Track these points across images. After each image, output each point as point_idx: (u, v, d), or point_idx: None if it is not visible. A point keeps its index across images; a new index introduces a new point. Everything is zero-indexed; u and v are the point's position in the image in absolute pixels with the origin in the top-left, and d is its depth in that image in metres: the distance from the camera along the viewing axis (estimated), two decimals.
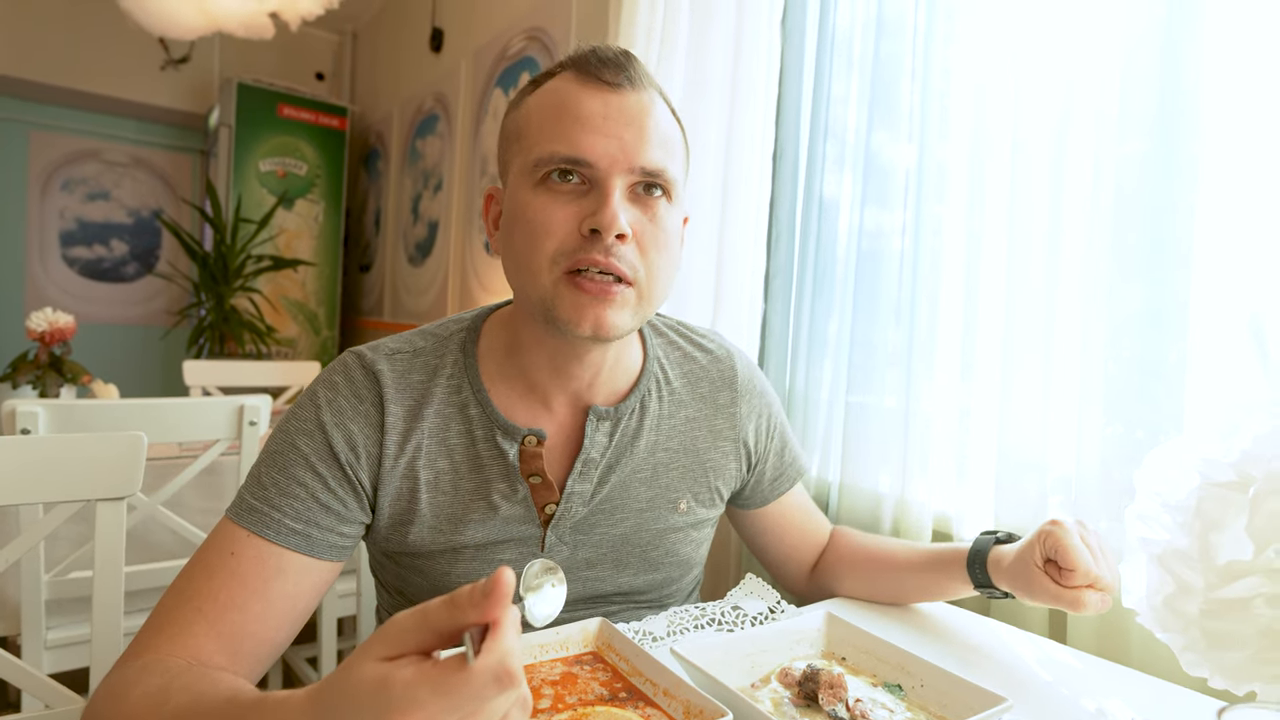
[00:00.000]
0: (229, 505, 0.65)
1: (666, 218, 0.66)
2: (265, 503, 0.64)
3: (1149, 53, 0.85)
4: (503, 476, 0.71)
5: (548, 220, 0.63)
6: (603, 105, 0.63)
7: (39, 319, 1.74)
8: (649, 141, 0.64)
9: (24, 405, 1.19)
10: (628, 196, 0.64)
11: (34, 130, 3.93)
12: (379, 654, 0.36)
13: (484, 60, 2.82)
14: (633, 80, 0.65)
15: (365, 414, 0.68)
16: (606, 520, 0.75)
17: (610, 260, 0.62)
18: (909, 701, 0.58)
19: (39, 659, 1.24)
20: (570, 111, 0.63)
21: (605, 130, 0.62)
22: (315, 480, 0.65)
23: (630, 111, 0.64)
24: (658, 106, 0.66)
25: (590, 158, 0.62)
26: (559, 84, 0.66)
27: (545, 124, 0.64)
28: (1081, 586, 0.64)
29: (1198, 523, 0.50)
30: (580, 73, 0.65)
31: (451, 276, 2.98)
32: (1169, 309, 0.82)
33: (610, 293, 0.63)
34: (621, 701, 0.54)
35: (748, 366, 0.87)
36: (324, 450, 0.66)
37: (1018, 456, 0.94)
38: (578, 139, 0.62)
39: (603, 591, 0.77)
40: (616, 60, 0.65)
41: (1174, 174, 0.82)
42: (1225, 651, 0.49)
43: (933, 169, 1.08)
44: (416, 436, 0.69)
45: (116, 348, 4.13)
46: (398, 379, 0.70)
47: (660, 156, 0.64)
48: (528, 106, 0.67)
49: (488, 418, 0.71)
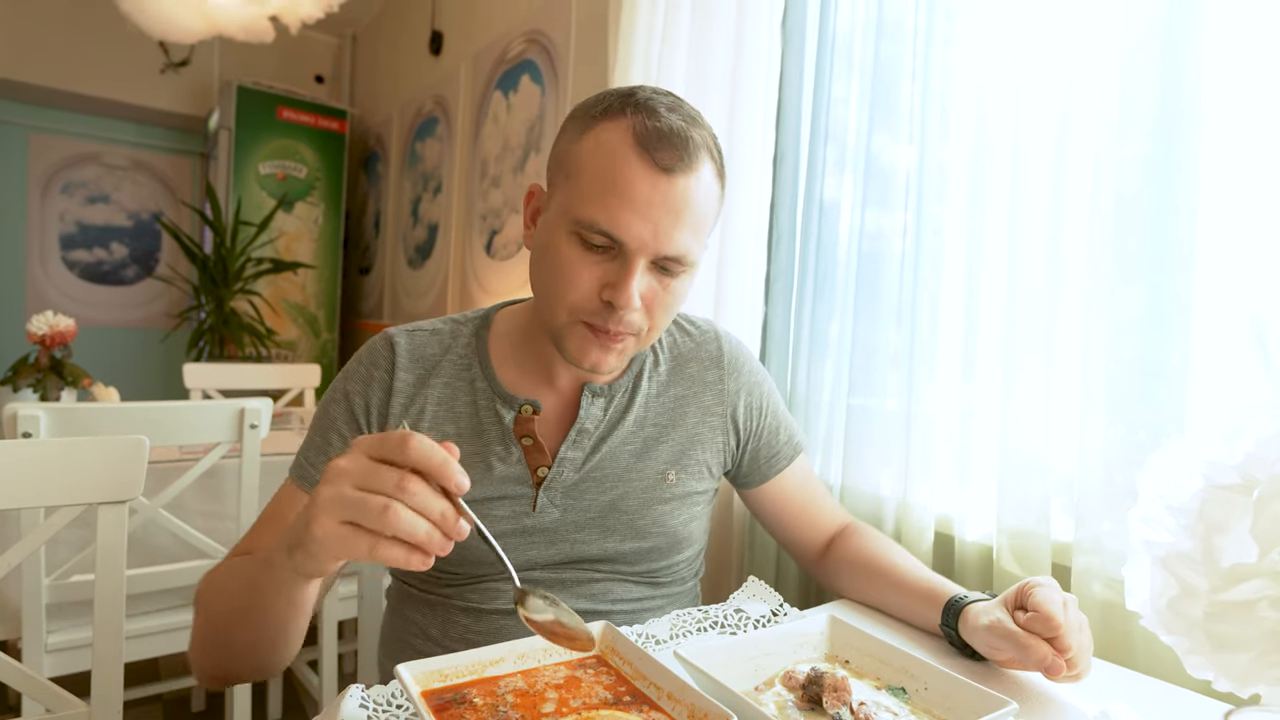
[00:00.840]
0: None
1: (680, 286, 0.72)
2: (305, 459, 0.78)
3: (1149, 54, 0.85)
4: (499, 440, 0.79)
5: (573, 275, 0.69)
6: (650, 189, 0.66)
7: (39, 322, 1.74)
8: (682, 229, 0.68)
9: (25, 409, 1.19)
10: (648, 269, 0.69)
11: (34, 133, 3.94)
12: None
13: (483, 63, 2.82)
14: (687, 163, 0.67)
15: (379, 379, 0.79)
16: (596, 487, 0.80)
17: (619, 328, 0.70)
18: (913, 705, 0.58)
19: (40, 663, 1.24)
20: (620, 188, 0.66)
21: (646, 215, 0.66)
22: (340, 440, 0.78)
23: (674, 200, 0.67)
24: (702, 186, 0.69)
25: (624, 238, 0.66)
26: (618, 140, 0.67)
27: (594, 185, 0.67)
28: (1040, 635, 0.60)
29: (1201, 525, 0.50)
30: (639, 142, 0.66)
31: (451, 279, 2.98)
32: (1171, 310, 0.82)
33: (614, 344, 0.71)
34: (626, 705, 0.54)
35: (734, 346, 0.91)
36: (347, 414, 0.79)
37: (1020, 459, 0.94)
38: (617, 216, 0.66)
39: (589, 555, 0.80)
40: (674, 141, 0.66)
41: (1175, 175, 0.82)
42: (1230, 654, 0.49)
43: (933, 171, 1.08)
44: (421, 401, 0.79)
45: (117, 351, 4.13)
46: (412, 351, 0.81)
47: (688, 242, 0.69)
48: (585, 147, 0.69)
49: (491, 390, 0.80)
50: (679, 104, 0.71)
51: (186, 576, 1.39)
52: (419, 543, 0.46)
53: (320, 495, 0.47)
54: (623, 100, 0.69)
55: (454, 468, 0.47)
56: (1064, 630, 0.60)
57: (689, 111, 0.71)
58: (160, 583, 1.36)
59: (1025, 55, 0.96)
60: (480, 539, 0.51)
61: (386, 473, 0.46)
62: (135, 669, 1.99)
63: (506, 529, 0.78)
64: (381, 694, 0.57)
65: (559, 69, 2.32)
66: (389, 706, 0.55)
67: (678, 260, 0.69)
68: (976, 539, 1.00)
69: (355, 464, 0.47)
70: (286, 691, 1.96)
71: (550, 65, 2.37)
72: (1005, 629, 0.63)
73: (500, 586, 0.78)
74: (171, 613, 1.44)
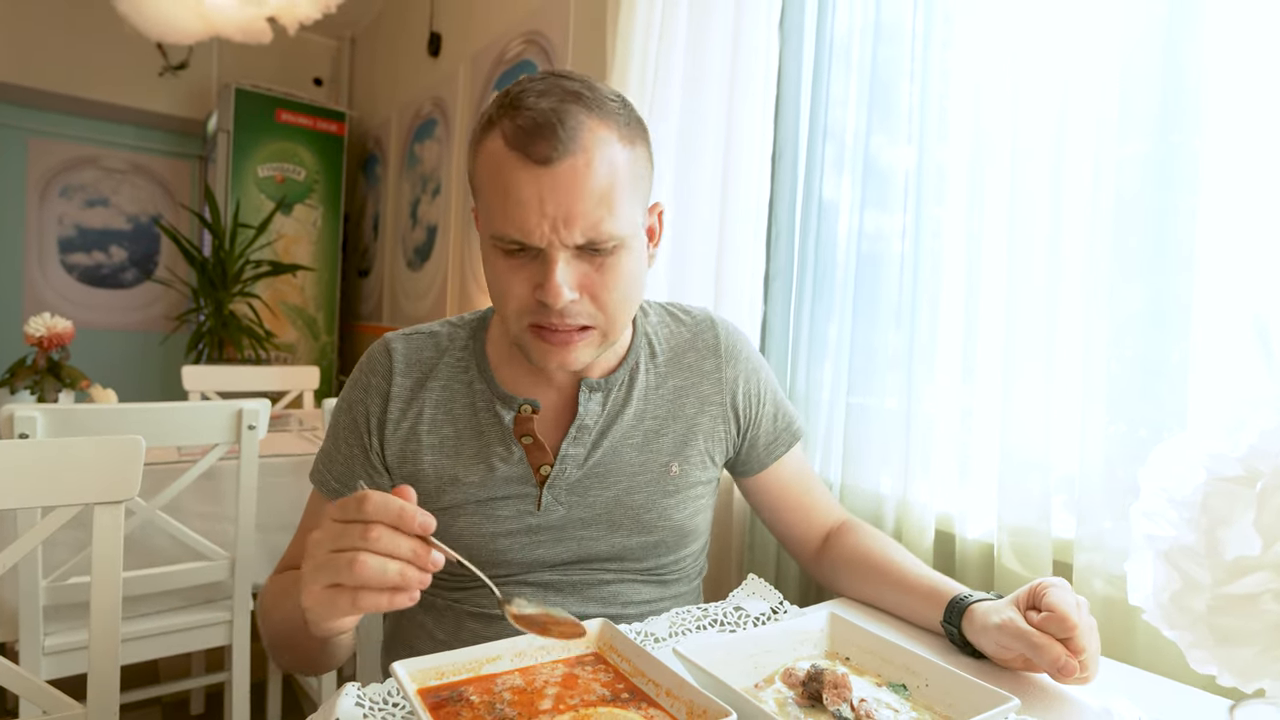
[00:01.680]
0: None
1: (619, 264, 0.69)
2: (321, 465, 0.83)
3: (1149, 53, 0.85)
4: (500, 440, 0.79)
5: (505, 285, 0.70)
6: (535, 186, 0.64)
7: (37, 324, 1.74)
8: (583, 213, 0.65)
9: (22, 410, 1.18)
10: (575, 257, 0.68)
11: (32, 137, 3.93)
12: None
13: (482, 65, 2.82)
14: (562, 148, 0.64)
15: (376, 386, 0.81)
16: (600, 483, 0.80)
17: (565, 321, 0.69)
18: (914, 701, 0.57)
19: (37, 665, 1.23)
20: (511, 194, 0.65)
21: (541, 210, 0.65)
22: (346, 447, 0.81)
23: (562, 187, 0.64)
24: (595, 161, 0.66)
25: (529, 240, 0.66)
26: (495, 149, 0.67)
27: (493, 200, 0.67)
28: (1054, 636, 0.60)
29: (1204, 518, 0.49)
30: (511, 146, 0.65)
31: (450, 280, 2.98)
32: (1171, 308, 0.82)
33: (572, 340, 0.70)
34: (624, 702, 0.53)
35: (731, 333, 0.90)
36: (350, 422, 0.81)
37: (1020, 456, 0.93)
38: (517, 221, 0.65)
39: (597, 553, 0.80)
40: (542, 129, 0.64)
41: (1175, 175, 0.82)
42: (1234, 648, 0.49)
43: (932, 171, 1.08)
44: (418, 405, 0.80)
45: (116, 353, 4.12)
46: (409, 355, 0.82)
47: (596, 223, 0.66)
48: (479, 165, 0.70)
49: (490, 390, 0.80)
50: (556, 84, 0.67)
51: (185, 578, 1.38)
52: (392, 584, 0.49)
53: (303, 570, 0.52)
54: (496, 106, 0.69)
55: (410, 513, 0.50)
56: (1079, 631, 0.59)
57: (568, 87, 0.67)
58: (159, 584, 1.36)
59: (1024, 56, 0.96)
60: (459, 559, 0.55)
61: (351, 529, 0.50)
62: (135, 671, 1.98)
63: (512, 528, 0.78)
64: (378, 692, 0.56)
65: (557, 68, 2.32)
66: (385, 704, 0.55)
67: (592, 243, 0.67)
68: (977, 537, 1.00)
69: (326, 532, 0.51)
70: (285, 693, 1.95)
71: (549, 66, 2.37)
72: (1018, 628, 0.62)
73: (510, 590, 0.78)
74: (170, 614, 1.43)
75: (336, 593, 0.49)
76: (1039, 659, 0.60)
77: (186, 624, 1.43)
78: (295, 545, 0.83)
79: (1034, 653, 0.60)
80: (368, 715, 0.53)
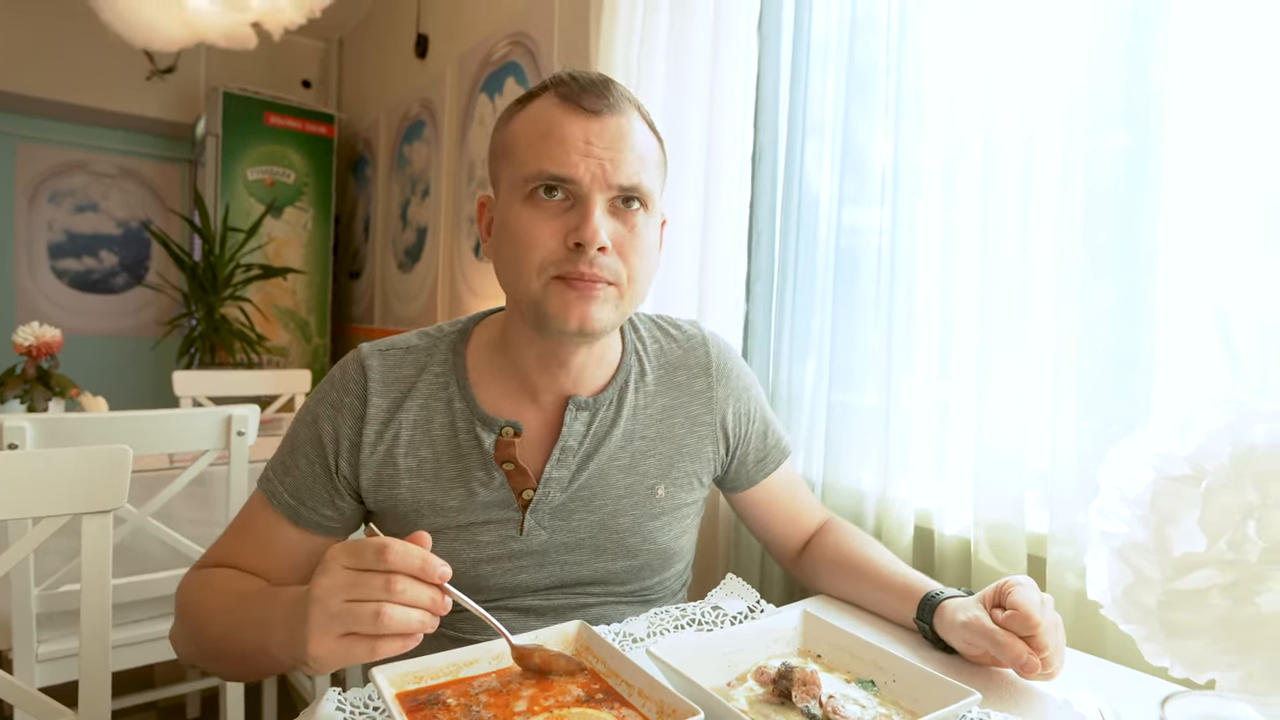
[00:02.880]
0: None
1: (644, 227, 0.72)
2: (272, 473, 0.78)
3: (1115, 52, 0.86)
4: (480, 465, 0.76)
5: (536, 234, 0.68)
6: (584, 130, 0.68)
7: (25, 333, 1.74)
8: (627, 161, 0.69)
9: (11, 420, 1.19)
10: (608, 210, 0.69)
11: (20, 142, 3.93)
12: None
13: (469, 66, 2.82)
14: (612, 106, 0.70)
15: (350, 406, 0.77)
16: (584, 507, 0.79)
17: (594, 270, 0.68)
18: (881, 697, 0.59)
19: (31, 672, 1.24)
20: (556, 134, 0.68)
21: (588, 152, 0.68)
22: (306, 463, 0.76)
23: (610, 135, 0.69)
24: (636, 127, 0.72)
25: (574, 175, 0.67)
26: (544, 106, 0.71)
27: (533, 143, 0.69)
28: (1017, 634, 0.61)
29: (1154, 516, 0.51)
30: (564, 99, 0.70)
31: (441, 282, 2.99)
32: (1141, 305, 0.84)
33: (595, 291, 0.69)
34: (598, 703, 0.55)
35: (722, 351, 0.89)
36: (314, 439, 0.77)
37: (995, 453, 0.95)
38: (563, 159, 0.67)
39: (581, 577, 0.79)
40: (597, 87, 0.70)
41: (1142, 172, 0.83)
42: (1183, 641, 0.50)
43: (908, 166, 1.09)
44: (395, 426, 0.76)
45: (108, 359, 4.12)
46: (385, 373, 0.78)
47: (637, 173, 0.70)
48: (516, 125, 0.72)
49: (470, 411, 0.77)
50: (600, 74, 0.73)
51: (176, 584, 1.39)
52: (414, 630, 0.50)
53: (311, 618, 0.49)
54: (543, 83, 0.74)
55: (433, 565, 0.50)
56: (1041, 629, 0.61)
57: (614, 79, 0.74)
58: (151, 590, 1.37)
59: (996, 49, 0.97)
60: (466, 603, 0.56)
61: (371, 579, 0.49)
62: (130, 677, 1.99)
63: (493, 554, 0.76)
64: (358, 696, 0.58)
65: (543, 71, 2.33)
66: (365, 709, 0.56)
67: (633, 190, 0.69)
68: (955, 533, 1.01)
69: (337, 579, 0.50)
70: (281, 695, 1.97)
71: (535, 67, 2.37)
72: (982, 626, 0.64)
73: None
74: (163, 620, 1.44)
75: (353, 641, 0.49)
76: (1002, 656, 0.62)
77: None
78: (227, 540, 0.78)
79: (997, 650, 0.62)
80: (348, 719, 0.55)
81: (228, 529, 0.80)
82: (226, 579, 0.74)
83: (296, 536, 0.76)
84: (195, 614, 0.71)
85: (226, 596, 0.70)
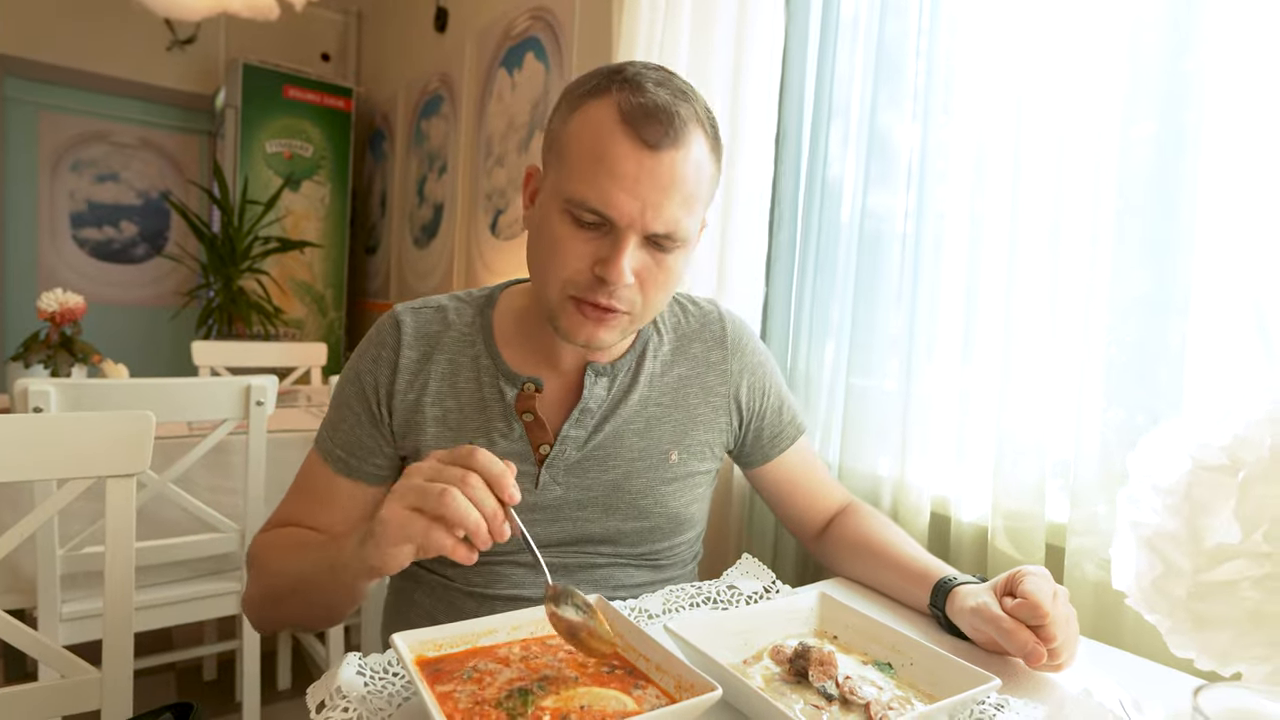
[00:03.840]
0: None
1: (673, 263, 0.72)
2: (325, 432, 0.83)
3: (1157, 34, 0.84)
4: (501, 416, 0.80)
5: (565, 252, 0.69)
6: (637, 165, 0.66)
7: (49, 299, 1.76)
8: (671, 204, 0.67)
9: (36, 384, 1.21)
10: (640, 245, 0.69)
11: (44, 111, 3.94)
12: None
13: (488, 40, 2.80)
14: (674, 137, 0.66)
15: (385, 359, 0.81)
16: (599, 466, 0.81)
17: (612, 302, 0.70)
18: (899, 680, 0.59)
19: (55, 631, 1.27)
20: (607, 164, 0.66)
21: (634, 191, 0.66)
22: (353, 416, 0.81)
23: (663, 176, 0.67)
24: (693, 157, 0.68)
25: (613, 216, 0.67)
26: (605, 118, 0.67)
27: (584, 164, 0.67)
28: (1025, 623, 0.61)
29: (1187, 506, 0.50)
30: (626, 120, 0.66)
31: (457, 258, 2.99)
32: (1173, 295, 0.82)
33: (607, 319, 0.71)
34: (615, 675, 0.55)
35: (738, 326, 0.91)
36: (359, 393, 0.81)
37: (1016, 440, 0.94)
38: (606, 194, 0.66)
39: (592, 535, 0.81)
40: (660, 117, 0.66)
41: (1180, 158, 0.81)
42: (1211, 633, 0.50)
43: (936, 151, 1.08)
44: (424, 377, 0.80)
45: (127, 328, 4.16)
46: (417, 329, 0.82)
47: (678, 218, 0.68)
48: (574, 127, 0.69)
49: (495, 367, 0.81)
50: (669, 79, 0.70)
51: (195, 549, 1.41)
52: (469, 529, 0.52)
53: (395, 488, 0.55)
54: (609, 78, 0.69)
55: (510, 479, 0.53)
56: (1050, 620, 0.60)
57: (679, 85, 0.70)
58: (170, 555, 1.39)
59: (1031, 34, 0.95)
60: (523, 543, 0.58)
61: (452, 469, 0.53)
62: (149, 638, 2.03)
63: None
64: (378, 662, 0.58)
65: (563, 46, 2.30)
66: (384, 674, 0.57)
67: (669, 236, 0.69)
68: (972, 519, 1.01)
69: (426, 463, 0.55)
70: (295, 661, 2.00)
71: (555, 42, 2.35)
72: (990, 613, 0.63)
73: (504, 571, 0.79)
74: (182, 584, 1.47)
75: (414, 516, 0.52)
76: (1007, 644, 0.61)
77: (197, 593, 1.47)
78: (289, 503, 0.83)
79: (1003, 637, 0.61)
80: (368, 683, 0.55)
81: (288, 491, 0.84)
82: (294, 534, 0.79)
83: (351, 489, 0.81)
84: (267, 567, 0.76)
85: (301, 546, 0.75)
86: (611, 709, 0.50)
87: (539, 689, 0.52)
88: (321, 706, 0.52)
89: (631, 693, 0.53)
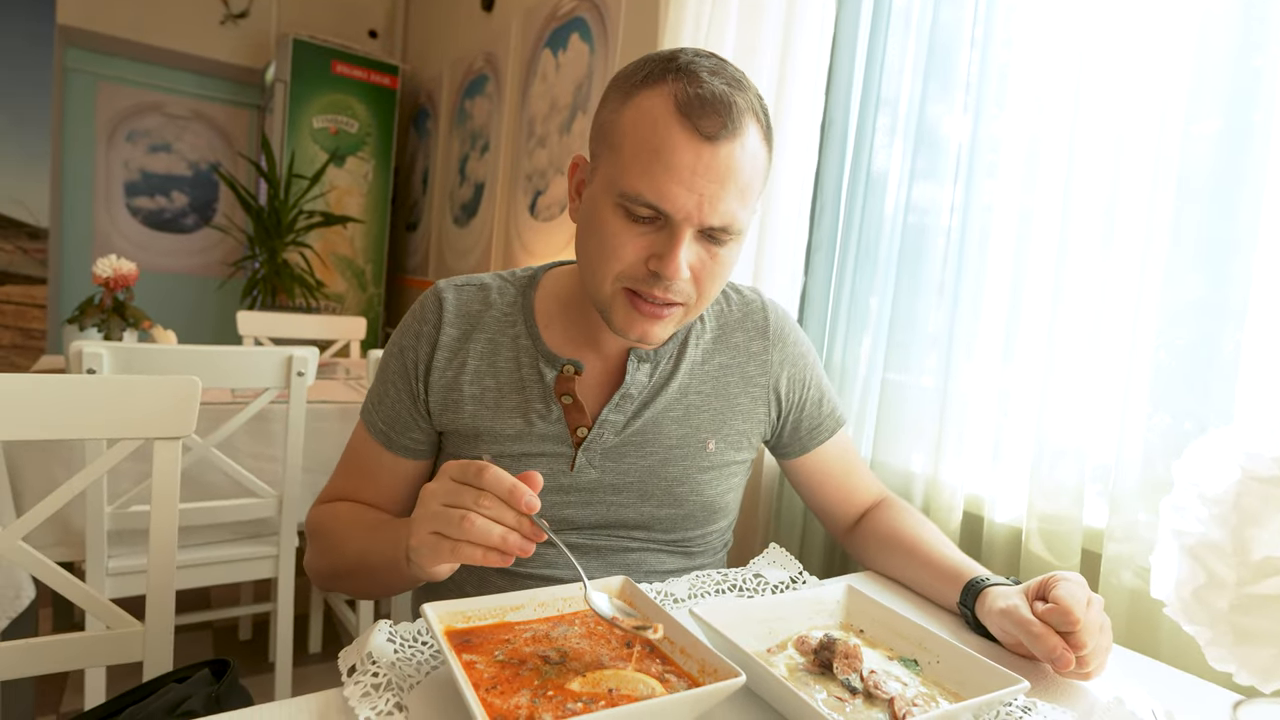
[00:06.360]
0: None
1: (727, 255, 0.71)
2: (370, 404, 0.84)
3: (1226, 28, 0.80)
4: (540, 398, 0.79)
5: (619, 245, 0.68)
6: (694, 157, 0.64)
7: (104, 265, 1.82)
8: (728, 197, 0.66)
9: (90, 347, 1.25)
10: (695, 238, 0.68)
11: (102, 81, 4.06)
12: None
13: (534, 20, 2.80)
14: (731, 128, 0.65)
15: (426, 334, 0.82)
16: (636, 451, 0.81)
17: (667, 295, 0.69)
18: (924, 676, 0.59)
19: (102, 584, 1.33)
20: (664, 157, 0.64)
21: (690, 185, 0.65)
22: (394, 390, 0.82)
23: (718, 168, 0.65)
24: (747, 152, 0.67)
25: (669, 210, 0.65)
26: (661, 110, 0.65)
27: (640, 156, 0.66)
28: (1055, 629, 0.59)
29: (1235, 516, 0.49)
30: (682, 110, 0.64)
31: (496, 239, 3.01)
32: (1229, 298, 0.79)
33: (662, 314, 0.71)
34: (640, 655, 0.55)
35: (780, 317, 0.90)
36: (399, 366, 0.82)
37: (1056, 442, 0.92)
38: (662, 188, 0.65)
39: (625, 520, 0.81)
40: (717, 107, 0.64)
41: (1243, 157, 0.78)
42: (1254, 647, 0.48)
43: (987, 143, 1.05)
44: (463, 355, 0.81)
45: (175, 296, 4.29)
46: (459, 306, 0.83)
47: (734, 211, 0.67)
48: (628, 117, 0.67)
49: (535, 348, 0.81)
50: (722, 66, 0.68)
51: (235, 513, 1.46)
52: (494, 545, 0.53)
53: (416, 515, 0.57)
54: (663, 66, 0.67)
55: (520, 492, 0.54)
56: (1081, 628, 0.59)
57: (733, 74, 0.68)
58: (212, 517, 1.44)
59: (1092, 26, 0.91)
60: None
61: (467, 492, 0.54)
62: (188, 597, 2.11)
63: (544, 486, 0.79)
64: (408, 630, 0.60)
65: (609, 28, 2.29)
66: (414, 642, 0.58)
67: (725, 229, 0.67)
68: (1006, 520, 0.99)
69: (441, 487, 0.56)
70: (326, 627, 2.06)
71: (601, 24, 2.34)
72: (1020, 616, 0.62)
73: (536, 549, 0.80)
74: (221, 546, 1.52)
75: (439, 540, 0.54)
76: (1035, 648, 0.60)
77: (236, 556, 1.51)
78: (339, 475, 0.86)
79: (1031, 642, 0.60)
80: (398, 650, 0.57)
81: (339, 464, 0.87)
82: (351, 510, 0.82)
83: (391, 462, 0.83)
84: (329, 540, 0.79)
85: (356, 526, 0.78)
86: (640, 693, 0.50)
87: (565, 666, 0.53)
88: (353, 670, 0.54)
89: (660, 675, 0.53)
